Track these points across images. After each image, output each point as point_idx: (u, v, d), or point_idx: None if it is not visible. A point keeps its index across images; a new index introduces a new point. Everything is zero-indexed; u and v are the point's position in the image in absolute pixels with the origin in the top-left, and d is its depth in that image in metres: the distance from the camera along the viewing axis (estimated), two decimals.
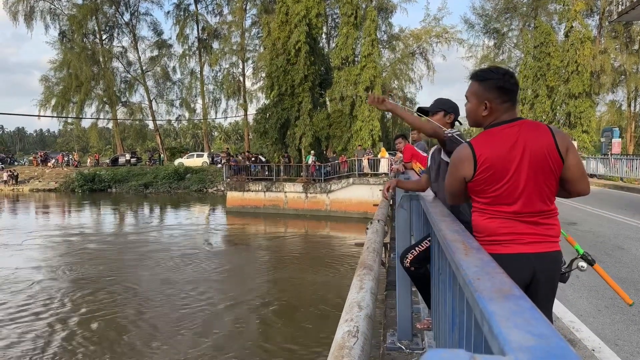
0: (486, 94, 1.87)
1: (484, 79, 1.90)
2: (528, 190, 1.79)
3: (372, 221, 3.35)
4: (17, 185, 38.32)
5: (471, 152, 1.82)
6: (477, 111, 1.91)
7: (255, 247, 17.16)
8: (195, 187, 34.83)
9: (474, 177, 1.82)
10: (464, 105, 2.06)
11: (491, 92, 1.85)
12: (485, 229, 1.87)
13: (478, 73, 1.95)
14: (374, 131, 26.98)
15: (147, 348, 7.86)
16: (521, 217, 1.81)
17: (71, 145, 74.57)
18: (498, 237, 1.83)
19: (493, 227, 1.84)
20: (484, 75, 1.91)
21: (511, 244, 1.81)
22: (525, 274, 1.83)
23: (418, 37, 41.26)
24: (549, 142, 1.79)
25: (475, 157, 1.80)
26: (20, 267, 13.07)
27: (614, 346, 3.42)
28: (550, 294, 1.94)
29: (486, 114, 1.88)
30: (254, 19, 42.48)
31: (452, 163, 1.93)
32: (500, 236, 1.82)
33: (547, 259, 1.85)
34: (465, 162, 1.83)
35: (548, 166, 1.79)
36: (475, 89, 1.91)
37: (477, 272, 0.85)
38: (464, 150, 1.87)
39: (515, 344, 0.54)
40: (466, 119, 2.05)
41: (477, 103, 1.90)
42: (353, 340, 1.17)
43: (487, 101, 1.86)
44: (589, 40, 30.36)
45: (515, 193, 1.79)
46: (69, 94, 43.73)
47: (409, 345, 2.51)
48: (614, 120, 38.89)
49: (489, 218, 1.85)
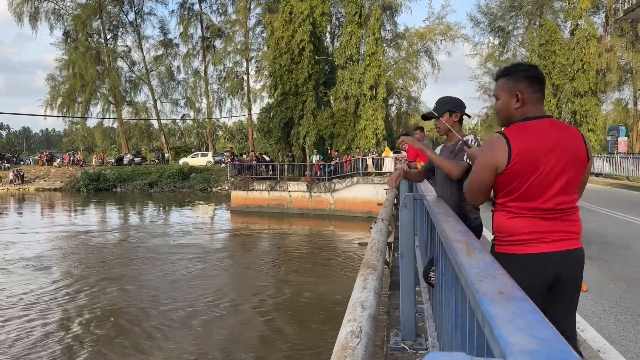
0: (517, 86, 1.87)
1: (511, 72, 1.91)
2: (556, 186, 1.79)
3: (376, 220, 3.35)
4: (23, 185, 38.56)
5: (505, 142, 1.78)
6: (510, 105, 1.89)
7: (259, 246, 17.18)
8: (199, 186, 34.92)
9: (507, 168, 1.78)
10: (492, 106, 2.04)
11: (522, 82, 1.87)
12: (507, 229, 1.85)
13: (504, 69, 1.96)
14: (378, 130, 26.92)
15: (150, 346, 7.89)
16: (546, 213, 1.80)
17: (76, 145, 74.92)
18: (521, 237, 1.81)
19: (516, 227, 1.82)
20: (511, 69, 1.93)
21: (535, 243, 1.80)
22: (549, 274, 1.82)
23: (422, 35, 41.10)
24: (579, 143, 1.84)
25: (510, 147, 1.77)
26: (23, 265, 13.15)
27: (619, 347, 3.40)
28: (576, 294, 1.93)
29: (518, 105, 1.87)
30: (258, 18, 42.49)
31: (484, 153, 1.88)
32: (524, 235, 1.81)
33: (571, 257, 1.84)
34: (499, 152, 1.78)
35: (577, 165, 1.83)
36: (504, 84, 1.91)
37: (479, 274, 0.85)
38: (497, 140, 1.82)
39: (517, 347, 0.54)
40: (496, 118, 2.02)
41: (508, 97, 1.89)
42: (356, 340, 1.17)
43: (519, 92, 1.86)
44: (594, 38, 30.15)
45: (544, 188, 1.79)
46: (74, 93, 43.91)
47: (413, 345, 2.51)
48: (620, 119, 38.63)
49: (512, 217, 1.83)
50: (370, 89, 26.80)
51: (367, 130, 26.87)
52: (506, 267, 1.83)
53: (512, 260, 1.79)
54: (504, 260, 1.82)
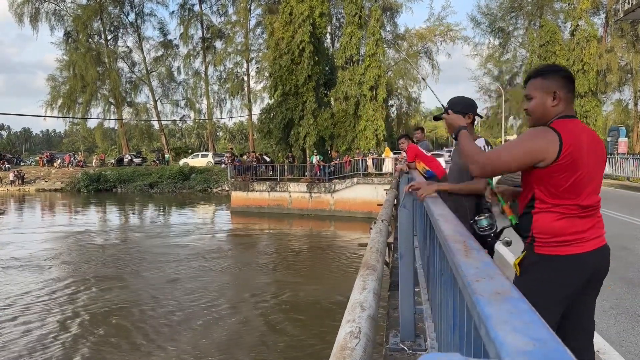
0: (553, 85, 1.91)
1: (547, 72, 1.95)
2: (593, 183, 1.86)
3: (376, 221, 3.35)
4: (23, 186, 38.59)
5: (558, 136, 1.80)
6: (546, 104, 1.92)
7: (259, 246, 17.18)
8: (200, 187, 34.93)
9: (555, 161, 1.78)
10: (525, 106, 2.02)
11: (558, 81, 1.91)
12: (551, 230, 1.85)
13: (539, 69, 1.99)
14: (378, 131, 26.93)
15: (150, 347, 7.89)
16: (584, 211, 1.84)
17: (77, 146, 74.98)
18: (565, 238, 1.83)
19: (561, 228, 1.84)
20: (547, 69, 1.97)
21: (578, 243, 1.83)
22: (588, 272, 1.86)
23: (423, 36, 41.14)
24: (602, 146, 1.94)
25: (561, 141, 1.79)
26: (24, 265, 13.15)
27: (619, 347, 3.39)
28: (598, 291, 1.99)
29: (555, 104, 1.90)
30: (258, 19, 42.54)
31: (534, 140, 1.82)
32: (567, 236, 1.83)
33: (604, 254, 1.89)
34: (551, 144, 1.79)
35: (602, 166, 1.92)
36: (540, 84, 1.94)
37: (476, 274, 0.85)
38: (549, 132, 1.82)
39: (512, 348, 0.54)
40: (530, 117, 2.00)
41: (544, 96, 1.92)
42: (355, 341, 1.17)
43: (557, 90, 1.90)
44: (594, 38, 30.17)
45: (583, 186, 1.83)
46: (74, 94, 43.97)
47: (412, 346, 2.51)
48: (620, 120, 38.63)
49: (559, 218, 1.84)
50: (370, 89, 26.81)
51: (368, 130, 26.88)
52: (550, 268, 1.85)
53: (557, 262, 1.84)
54: (547, 261, 1.86)
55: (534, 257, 1.89)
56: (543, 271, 1.87)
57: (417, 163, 6.53)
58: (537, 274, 1.88)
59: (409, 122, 45.76)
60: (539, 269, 1.88)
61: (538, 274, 1.88)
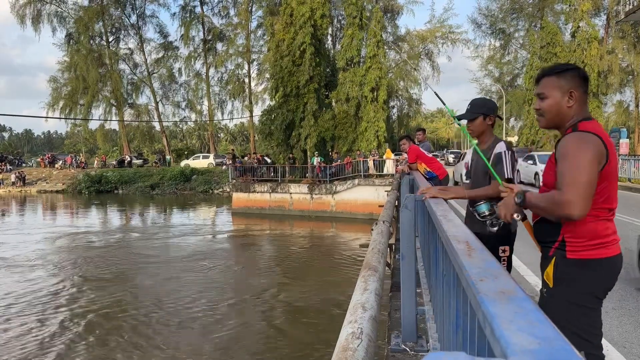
0: (570, 84, 1.83)
1: (563, 70, 1.86)
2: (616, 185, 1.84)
3: (377, 222, 3.34)
4: (25, 187, 38.63)
5: (602, 142, 1.72)
6: (561, 103, 1.84)
7: (261, 248, 17.18)
8: (201, 188, 34.95)
9: (602, 168, 1.71)
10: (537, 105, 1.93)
11: (575, 81, 1.83)
12: (588, 233, 1.78)
13: (555, 67, 1.91)
14: (380, 132, 26.94)
15: (149, 347, 7.88)
16: (611, 213, 1.82)
17: (78, 147, 75.10)
18: (603, 240, 1.79)
19: (600, 229, 1.78)
20: (562, 67, 1.88)
21: (611, 246, 1.80)
22: (617, 275, 1.84)
23: (424, 38, 41.18)
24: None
25: (606, 147, 1.72)
26: (25, 267, 13.16)
27: (621, 349, 3.38)
28: None
29: (571, 104, 1.83)
30: (259, 21, 42.62)
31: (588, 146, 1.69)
32: (604, 238, 1.79)
33: (622, 257, 1.87)
34: (601, 148, 1.71)
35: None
36: (556, 82, 1.85)
37: (480, 273, 0.84)
38: (594, 137, 1.72)
39: (518, 347, 0.53)
40: (543, 116, 1.92)
41: (561, 95, 1.84)
42: (357, 341, 1.16)
43: (573, 90, 1.82)
44: (595, 40, 30.18)
45: (615, 189, 1.81)
46: (76, 96, 44.08)
47: (414, 347, 2.50)
48: (621, 121, 38.63)
49: (597, 220, 1.78)
50: (371, 91, 26.84)
51: (369, 132, 26.89)
52: (589, 272, 1.78)
53: (595, 265, 1.78)
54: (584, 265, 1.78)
55: (568, 263, 1.81)
56: (582, 276, 1.79)
57: (418, 164, 6.53)
58: (577, 280, 1.79)
59: (410, 123, 45.78)
60: (577, 274, 1.79)
61: (578, 280, 1.79)
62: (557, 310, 1.80)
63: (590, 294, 1.79)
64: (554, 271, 1.84)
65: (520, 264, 6.11)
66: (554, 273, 1.84)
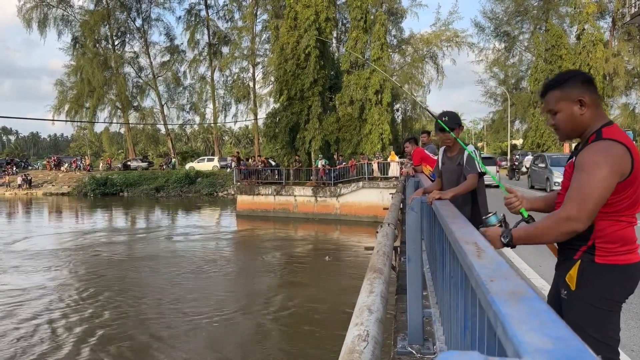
0: (575, 92, 1.78)
1: (564, 80, 1.81)
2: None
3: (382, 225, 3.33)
4: (31, 189, 38.87)
5: (626, 148, 1.66)
6: (574, 113, 1.78)
7: (265, 250, 17.16)
8: (205, 190, 35.03)
9: (629, 175, 1.66)
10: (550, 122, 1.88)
11: (579, 87, 1.78)
12: (621, 238, 1.75)
13: (554, 80, 1.85)
14: (384, 135, 26.93)
15: (154, 350, 7.89)
16: (635, 219, 1.78)
17: (84, 150, 75.53)
18: (632, 246, 1.77)
19: (629, 236, 1.76)
20: (563, 77, 1.83)
21: (637, 251, 1.78)
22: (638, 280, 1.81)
23: (428, 41, 41.13)
24: None
25: (632, 154, 1.67)
26: (30, 270, 13.21)
27: (630, 352, 3.35)
28: None
29: (583, 111, 1.77)
30: (264, 24, 42.72)
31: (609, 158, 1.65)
32: (633, 244, 1.77)
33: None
34: (625, 158, 1.65)
35: None
36: (562, 94, 1.80)
37: (489, 274, 0.84)
38: (618, 145, 1.67)
39: (532, 346, 0.53)
40: (559, 130, 1.86)
41: (570, 105, 1.78)
42: (363, 344, 1.15)
43: (581, 97, 1.77)
44: (601, 42, 30.07)
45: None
46: (81, 99, 44.35)
47: (420, 350, 2.49)
48: (627, 124, 38.36)
49: (627, 226, 1.76)
50: (375, 93, 26.84)
51: (373, 134, 26.88)
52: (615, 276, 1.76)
53: (621, 270, 1.75)
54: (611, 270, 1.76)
55: (596, 267, 1.78)
56: (608, 280, 1.77)
57: (423, 166, 6.51)
58: (602, 284, 1.77)
59: (414, 126, 45.72)
60: (603, 278, 1.77)
61: (602, 284, 1.77)
62: (577, 313, 1.78)
63: (613, 298, 1.78)
64: (578, 274, 1.81)
65: (526, 267, 6.07)
66: (577, 276, 1.81)
